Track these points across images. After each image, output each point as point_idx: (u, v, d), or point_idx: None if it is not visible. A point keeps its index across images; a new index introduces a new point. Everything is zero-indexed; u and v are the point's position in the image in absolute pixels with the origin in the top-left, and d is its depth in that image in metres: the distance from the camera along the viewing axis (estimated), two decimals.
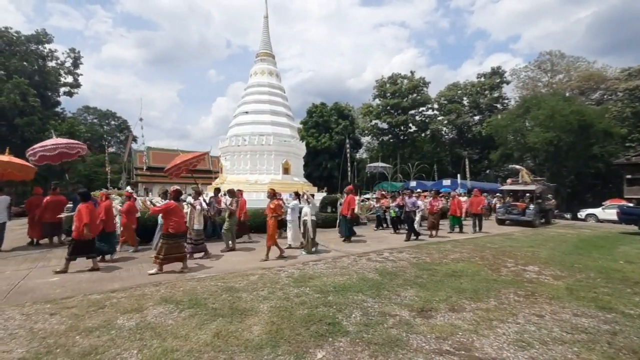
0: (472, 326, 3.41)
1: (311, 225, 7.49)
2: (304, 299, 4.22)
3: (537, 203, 14.41)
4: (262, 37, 25.40)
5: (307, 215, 7.58)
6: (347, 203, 9.49)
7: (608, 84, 35.59)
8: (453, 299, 4.28)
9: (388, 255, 7.20)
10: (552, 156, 28.67)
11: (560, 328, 3.37)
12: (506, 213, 14.43)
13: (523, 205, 14.09)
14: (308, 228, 7.47)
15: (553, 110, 26.94)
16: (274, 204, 7.19)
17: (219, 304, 4.08)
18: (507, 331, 3.29)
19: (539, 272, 5.77)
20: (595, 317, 3.69)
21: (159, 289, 4.80)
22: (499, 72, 40.76)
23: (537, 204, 14.47)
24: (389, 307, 3.96)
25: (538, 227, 13.61)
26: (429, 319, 3.61)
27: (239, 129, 23.11)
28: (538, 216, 14.17)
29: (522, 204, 14.34)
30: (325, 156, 42.13)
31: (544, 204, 16.38)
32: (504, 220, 14.46)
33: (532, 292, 4.61)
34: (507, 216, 14.33)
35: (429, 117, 44.54)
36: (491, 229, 12.78)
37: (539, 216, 14.33)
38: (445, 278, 5.31)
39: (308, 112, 45.57)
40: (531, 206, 13.94)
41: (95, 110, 53.95)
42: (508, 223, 14.36)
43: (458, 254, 7.48)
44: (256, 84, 24.12)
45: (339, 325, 3.42)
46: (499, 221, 14.79)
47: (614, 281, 5.23)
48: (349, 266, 6.16)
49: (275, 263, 6.46)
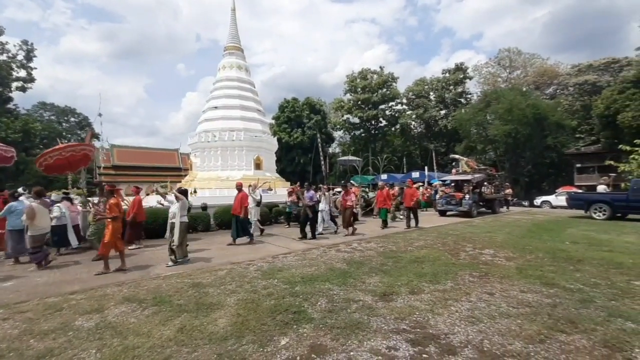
0: (428, 306, 3.64)
1: (179, 228, 6.04)
2: (271, 291, 4.28)
3: (474, 193, 14.19)
4: (230, 30, 24.79)
5: (175, 216, 6.14)
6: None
7: (560, 79, 38.28)
8: (414, 282, 4.52)
9: (357, 246, 7.41)
10: (511, 148, 30.50)
11: (507, 304, 3.67)
12: (446, 204, 14.21)
13: (460, 196, 13.97)
14: (175, 232, 6.02)
15: (511, 104, 28.60)
16: (113, 201, 5.82)
17: (184, 300, 4.04)
18: (460, 309, 3.54)
19: (493, 255, 6.20)
20: (539, 292, 4.05)
21: (121, 288, 4.66)
22: (462, 68, 42.51)
23: (475, 193, 14.26)
24: (353, 294, 4.12)
25: (475, 217, 13.28)
26: (390, 302, 3.81)
27: (209, 124, 22.52)
28: (475, 206, 13.88)
29: (459, 194, 14.25)
30: (298, 151, 42.05)
31: (497, 193, 16.63)
32: (444, 211, 14.25)
33: (486, 273, 4.96)
34: (446, 207, 14.12)
35: (398, 111, 45.69)
36: (428, 222, 11.57)
37: (476, 206, 14.03)
38: (409, 264, 5.58)
39: (280, 107, 45.17)
40: (467, 196, 13.78)
41: (52, 107, 50.22)
42: (449, 214, 14.19)
43: (422, 241, 7.84)
44: (225, 78, 23.55)
45: (304, 313, 3.52)
46: (440, 212, 14.55)
47: (559, 260, 5.73)
48: (317, 257, 6.28)
49: (245, 257, 6.45)
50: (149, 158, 42.87)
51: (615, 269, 5.02)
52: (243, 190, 8.30)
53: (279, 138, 42.39)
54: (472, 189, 14.14)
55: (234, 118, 22.34)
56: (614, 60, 34.92)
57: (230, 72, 23.60)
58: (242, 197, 8.14)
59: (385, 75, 44.02)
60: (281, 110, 44.94)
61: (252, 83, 24.52)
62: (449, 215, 13.99)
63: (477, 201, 14.29)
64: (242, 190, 8.27)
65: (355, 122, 46.32)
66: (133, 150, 43.04)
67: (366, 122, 45.22)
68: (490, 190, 16.12)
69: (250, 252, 7.03)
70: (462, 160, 17.33)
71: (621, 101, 24.26)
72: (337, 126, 48.45)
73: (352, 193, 9.74)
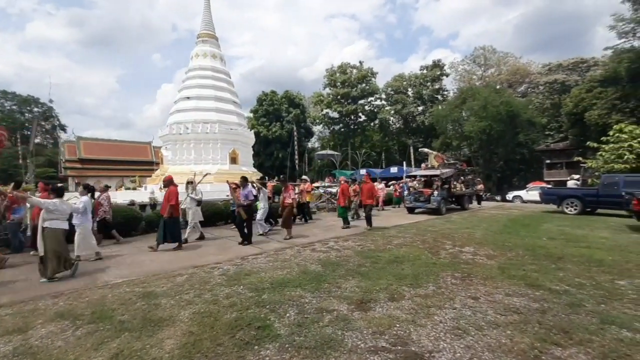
0: (410, 315, 3.25)
1: (52, 235, 4.88)
2: (234, 300, 3.76)
3: (443, 189, 13.52)
4: (204, 17, 23.50)
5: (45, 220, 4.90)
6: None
7: (532, 78, 39.60)
8: (393, 286, 4.14)
9: (333, 245, 6.98)
10: (485, 144, 31.22)
11: (494, 310, 3.36)
12: (414, 201, 13.40)
13: (429, 192, 13.27)
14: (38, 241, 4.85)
15: (486, 101, 29.18)
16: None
17: (129, 315, 3.44)
18: (444, 318, 3.18)
19: (474, 253, 5.96)
20: (525, 295, 3.78)
21: (57, 301, 3.99)
22: (439, 65, 43.07)
23: (444, 189, 13.62)
24: (327, 302, 3.67)
25: (444, 214, 12.68)
26: (367, 311, 3.39)
27: (181, 115, 21.37)
28: (444, 202, 13.18)
29: (427, 190, 13.56)
30: (276, 145, 41.23)
31: (469, 189, 16.23)
32: (413, 208, 13.50)
33: (468, 273, 4.67)
34: (414, 204, 13.35)
35: (377, 107, 45.74)
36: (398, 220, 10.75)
37: (445, 202, 13.32)
38: (388, 265, 5.21)
39: (258, 100, 44.03)
40: (435, 193, 13.13)
41: (14, 96, 46.49)
42: (417, 211, 13.47)
43: (402, 239, 7.54)
44: (198, 67, 22.38)
45: (269, 328, 3.03)
46: (408, 209, 13.76)
47: (539, 257, 5.57)
48: (291, 258, 5.80)
49: (212, 259, 5.87)
50: (119, 151, 40.70)
51: (597, 267, 4.89)
52: (173, 186, 7.09)
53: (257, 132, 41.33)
54: (440, 184, 13.48)
55: (207, 109, 21.30)
56: (582, 60, 36.45)
57: (203, 61, 22.43)
58: (170, 194, 6.90)
59: (365, 70, 43.85)
60: (259, 103, 43.79)
61: (227, 73, 23.44)
62: (417, 213, 13.27)
63: (446, 197, 13.70)
64: (171, 186, 7.07)
65: (334, 116, 45.98)
66: (102, 143, 40.69)
67: (345, 117, 44.97)
68: (460, 186, 15.66)
69: (219, 253, 6.45)
70: (431, 155, 16.51)
71: (588, 100, 25.26)
72: (317, 120, 47.94)
73: (291, 189, 8.42)
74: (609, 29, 23.38)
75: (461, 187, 15.55)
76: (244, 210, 7.19)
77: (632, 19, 21.84)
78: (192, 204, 7.97)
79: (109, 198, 7.85)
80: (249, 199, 7.45)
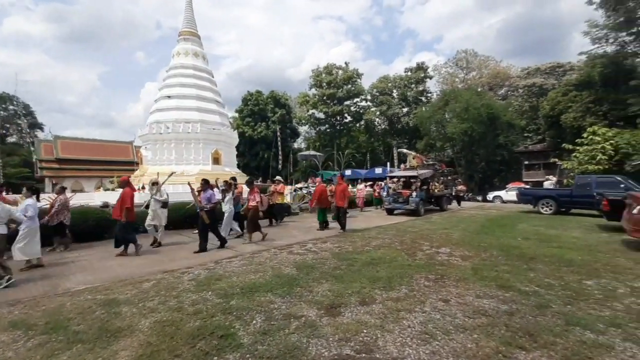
0: (379, 320, 3.19)
1: None
2: (200, 307, 3.61)
3: (421, 190, 13.40)
4: (186, 14, 23.02)
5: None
6: None
7: (511, 81, 40.69)
8: (366, 290, 4.08)
9: (311, 247, 6.89)
10: (467, 145, 31.84)
11: (463, 313, 3.34)
12: (393, 202, 13.27)
13: (407, 193, 13.10)
14: None
15: (468, 104, 29.76)
16: None
17: (85, 325, 3.25)
18: (413, 322, 3.14)
19: (449, 254, 5.99)
20: (495, 297, 3.79)
21: (13, 309, 3.76)
22: (423, 67, 43.69)
23: (422, 190, 13.48)
24: (297, 307, 3.58)
25: (422, 215, 12.49)
26: (336, 316, 3.31)
27: (161, 114, 20.81)
28: (422, 204, 13.00)
29: (406, 191, 13.37)
30: (262, 146, 40.86)
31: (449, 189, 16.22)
32: (392, 209, 13.39)
33: (442, 275, 4.67)
34: (393, 205, 13.22)
35: (362, 108, 46.02)
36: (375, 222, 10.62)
37: (423, 204, 13.17)
38: (363, 267, 5.16)
39: (243, 100, 43.56)
40: (414, 194, 12.91)
41: None
42: (397, 212, 13.34)
43: (380, 240, 7.52)
44: (179, 65, 21.88)
45: (232, 337, 2.91)
46: (387, 211, 13.63)
47: (512, 258, 5.64)
48: (266, 261, 5.67)
49: (183, 263, 5.67)
50: (98, 151, 39.43)
51: (567, 267, 4.97)
52: (129, 187, 6.64)
53: (242, 132, 40.86)
54: (419, 185, 13.35)
55: (189, 109, 20.84)
56: (558, 64, 37.70)
57: (185, 60, 21.96)
58: (125, 196, 6.39)
59: (350, 71, 44.03)
60: (244, 103, 43.32)
61: (210, 72, 23.02)
62: (396, 214, 13.19)
63: (425, 198, 13.54)
64: (127, 187, 6.61)
65: (320, 117, 45.94)
66: (80, 142, 39.31)
67: (331, 118, 45.00)
68: (440, 186, 15.61)
69: (192, 257, 6.25)
70: (410, 155, 16.21)
71: (564, 103, 26.10)
72: (303, 121, 47.79)
73: (256, 192, 7.91)
74: (584, 35, 24.25)
75: (440, 188, 15.57)
76: (206, 215, 6.72)
77: (604, 25, 22.70)
78: (157, 205, 7.45)
79: (65, 201, 7.25)
80: (212, 202, 6.90)
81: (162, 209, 7.59)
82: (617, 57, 23.16)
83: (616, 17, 21.60)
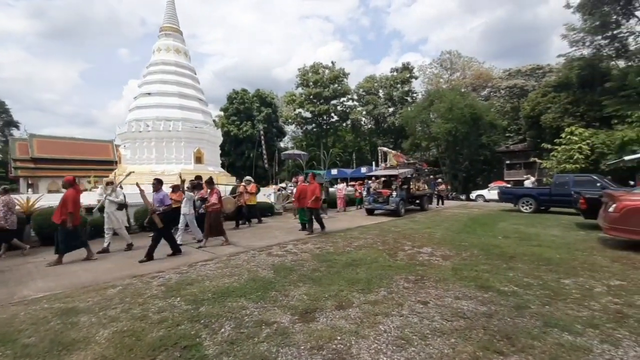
0: (354, 326, 3.05)
1: None
2: (166, 315, 3.38)
3: (402, 189, 12.98)
4: (167, 9, 22.40)
5: None
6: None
7: (494, 82, 41.56)
8: (344, 292, 3.93)
9: (292, 248, 6.71)
10: (452, 145, 32.31)
11: (441, 316, 3.23)
12: (373, 202, 12.85)
13: (387, 193, 12.70)
14: None
15: (452, 104, 30.18)
16: None
17: (37, 338, 2.97)
18: (389, 327, 3.01)
19: (431, 254, 5.92)
20: (474, 298, 3.71)
21: None
22: (408, 67, 44.14)
23: (403, 190, 13.08)
24: (270, 313, 3.39)
25: (403, 216, 12.11)
26: (310, 323, 3.15)
27: (141, 112, 20.19)
28: (403, 204, 12.62)
29: (386, 191, 12.98)
30: (247, 145, 40.31)
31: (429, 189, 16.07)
32: (372, 209, 12.99)
33: (422, 276, 4.57)
34: (373, 205, 12.79)
35: (349, 107, 46.10)
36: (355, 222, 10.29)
37: (404, 204, 12.77)
38: (343, 269, 5.01)
39: (228, 99, 42.86)
40: (394, 193, 12.56)
41: None
42: (377, 213, 12.96)
43: (363, 240, 7.41)
44: (160, 61, 21.28)
45: (196, 348, 2.70)
46: (367, 211, 13.21)
47: (492, 257, 5.61)
48: (243, 264, 5.45)
49: (155, 267, 5.38)
50: (77, 150, 38.04)
51: (545, 266, 4.97)
52: (72, 189, 5.95)
53: (228, 131, 40.19)
54: (400, 185, 12.95)
55: (170, 106, 20.29)
56: (538, 66, 38.74)
57: (166, 56, 21.36)
58: (66, 199, 5.77)
59: (337, 70, 44.01)
60: (230, 101, 42.63)
61: (192, 69, 22.48)
62: (376, 214, 12.78)
63: (405, 198, 13.17)
64: (70, 188, 5.94)
65: (307, 116, 45.76)
66: (57, 141, 37.85)
67: (318, 117, 44.88)
68: (422, 186, 15.33)
69: (164, 260, 5.96)
70: (390, 154, 15.74)
71: (544, 104, 26.81)
72: (289, 120, 47.45)
73: (216, 192, 7.34)
74: (562, 38, 24.97)
75: (423, 187, 15.42)
76: (159, 218, 6.12)
77: (581, 29, 23.40)
78: (112, 207, 6.89)
79: (7, 203, 6.64)
80: (165, 204, 6.25)
81: (118, 211, 7.00)
82: (593, 60, 23.93)
83: (592, 21, 22.30)
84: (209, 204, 7.19)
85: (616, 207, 6.04)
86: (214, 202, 7.16)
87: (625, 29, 22.74)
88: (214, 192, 7.36)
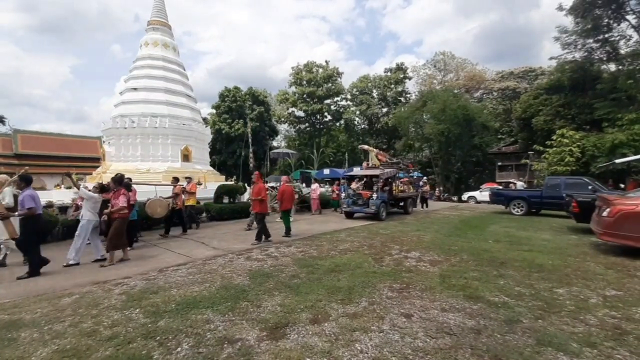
0: (328, 344, 2.72)
1: None
2: (118, 330, 3.00)
3: (383, 191, 11.85)
4: (155, 3, 21.77)
5: None
6: None
7: (486, 84, 41.67)
8: (322, 303, 3.60)
9: (273, 251, 6.36)
10: (444, 146, 32.20)
11: (425, 332, 2.92)
12: (352, 204, 11.75)
13: (368, 194, 11.71)
14: None
15: (444, 105, 30.05)
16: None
17: None
18: (367, 346, 2.68)
19: (418, 259, 5.63)
20: (462, 310, 3.41)
21: None
22: (402, 68, 44.03)
23: (385, 191, 12.00)
24: (236, 327, 3.05)
25: (384, 220, 11.26)
26: (279, 340, 2.81)
27: (126, 108, 19.55)
28: (384, 206, 11.61)
29: (366, 192, 11.97)
30: (239, 143, 39.68)
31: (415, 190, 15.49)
32: (352, 212, 11.84)
33: (408, 284, 4.27)
34: (352, 208, 11.68)
35: (342, 107, 45.75)
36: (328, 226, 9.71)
37: (385, 206, 11.71)
38: (325, 275, 4.69)
39: (220, 96, 42.20)
40: (374, 195, 11.43)
41: None
42: (356, 216, 11.95)
43: (349, 243, 7.09)
44: (147, 56, 20.66)
45: None
46: (346, 214, 12.06)
47: (482, 263, 5.34)
48: (218, 269, 5.08)
49: (121, 272, 4.99)
50: (64, 146, 37.03)
51: (537, 273, 4.71)
52: None
53: (219, 129, 39.57)
54: (381, 186, 11.70)
55: (157, 102, 19.69)
56: (530, 69, 38.94)
57: (154, 50, 20.75)
58: None
59: (331, 69, 43.65)
60: (222, 99, 41.98)
61: (181, 65, 21.91)
62: (356, 218, 11.81)
63: (387, 201, 12.11)
64: None
65: (300, 115, 45.30)
66: (43, 136, 36.75)
67: (311, 116, 44.46)
68: (407, 187, 14.62)
69: (134, 265, 5.57)
70: (372, 152, 14.72)
71: (535, 106, 26.86)
72: (282, 119, 46.96)
73: (123, 194, 6.01)
74: (554, 40, 24.98)
75: (407, 188, 14.83)
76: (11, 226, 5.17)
77: (573, 32, 23.45)
78: None
79: None
80: (24, 206, 5.04)
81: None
82: (584, 63, 24.01)
83: (584, 24, 22.34)
84: (115, 208, 5.91)
85: (610, 212, 5.82)
86: (122, 205, 5.93)
87: (616, 33, 22.84)
88: (120, 193, 6.02)
